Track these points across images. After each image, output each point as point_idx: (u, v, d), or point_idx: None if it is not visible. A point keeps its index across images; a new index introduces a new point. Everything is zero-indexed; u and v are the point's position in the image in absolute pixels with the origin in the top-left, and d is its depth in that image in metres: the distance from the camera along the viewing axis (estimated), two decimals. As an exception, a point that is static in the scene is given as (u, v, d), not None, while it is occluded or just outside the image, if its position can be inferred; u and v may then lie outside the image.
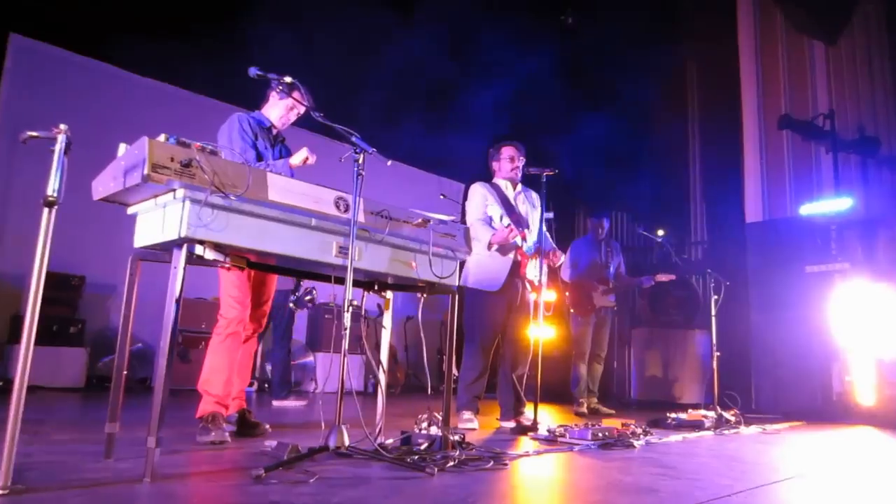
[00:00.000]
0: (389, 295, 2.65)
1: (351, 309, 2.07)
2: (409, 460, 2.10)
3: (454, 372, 3.86)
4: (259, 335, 2.96)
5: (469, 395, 3.65)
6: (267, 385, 5.93)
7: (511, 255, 3.68)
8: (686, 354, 6.48)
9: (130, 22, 5.39)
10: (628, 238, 8.32)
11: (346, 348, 2.08)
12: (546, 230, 3.88)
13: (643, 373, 6.65)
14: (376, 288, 2.54)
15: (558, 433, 3.10)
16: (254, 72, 2.34)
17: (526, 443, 2.98)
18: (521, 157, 3.87)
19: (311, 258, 2.09)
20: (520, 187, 3.94)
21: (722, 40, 7.02)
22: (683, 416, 4.09)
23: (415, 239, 2.36)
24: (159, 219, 1.90)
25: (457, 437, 2.52)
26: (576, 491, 1.91)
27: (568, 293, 5.28)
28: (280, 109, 2.97)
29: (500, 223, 3.61)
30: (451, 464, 2.11)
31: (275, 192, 1.96)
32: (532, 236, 3.80)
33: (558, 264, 3.80)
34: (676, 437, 3.41)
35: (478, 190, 3.82)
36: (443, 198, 5.28)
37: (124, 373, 2.04)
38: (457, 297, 2.56)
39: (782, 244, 6.04)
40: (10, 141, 5.27)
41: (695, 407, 4.86)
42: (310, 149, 2.85)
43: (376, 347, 2.69)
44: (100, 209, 2.68)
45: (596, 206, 5.88)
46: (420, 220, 2.35)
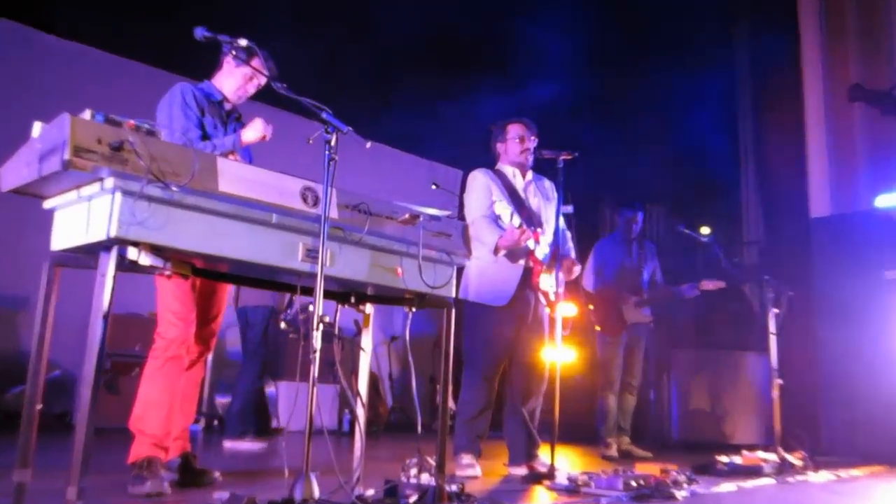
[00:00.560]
0: (370, 309, 2.65)
1: (321, 327, 2.07)
2: (394, 516, 2.10)
3: (451, 405, 3.86)
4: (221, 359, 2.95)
5: (469, 435, 3.65)
6: (217, 422, 5.90)
7: (522, 262, 3.69)
8: (739, 383, 6.48)
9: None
10: (665, 237, 8.34)
11: (316, 376, 2.08)
12: (564, 228, 3.88)
13: (686, 406, 6.65)
14: (353, 300, 2.55)
15: (581, 482, 3.10)
16: (200, 33, 2.32)
17: (541, 494, 2.98)
18: (533, 138, 3.88)
19: (272, 263, 2.10)
20: (530, 175, 3.95)
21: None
22: (737, 459, 4.10)
23: (401, 239, 2.37)
24: (83, 215, 1.90)
25: (454, 488, 2.52)
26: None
27: (592, 306, 5.29)
28: (235, 80, 2.97)
29: (510, 222, 3.60)
30: (447, 520, 2.11)
31: (227, 182, 1.97)
32: (547, 237, 3.81)
33: (573, 277, 3.80)
34: (729, 487, 3.41)
35: (479, 179, 3.82)
36: (435, 188, 5.30)
37: (38, 407, 2.02)
38: (453, 311, 2.56)
39: (856, 244, 6.04)
40: None
41: (751, 448, 4.85)
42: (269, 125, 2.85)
43: (353, 375, 2.69)
44: (7, 203, 2.66)
45: (626, 197, 5.89)
46: (407, 216, 2.36)
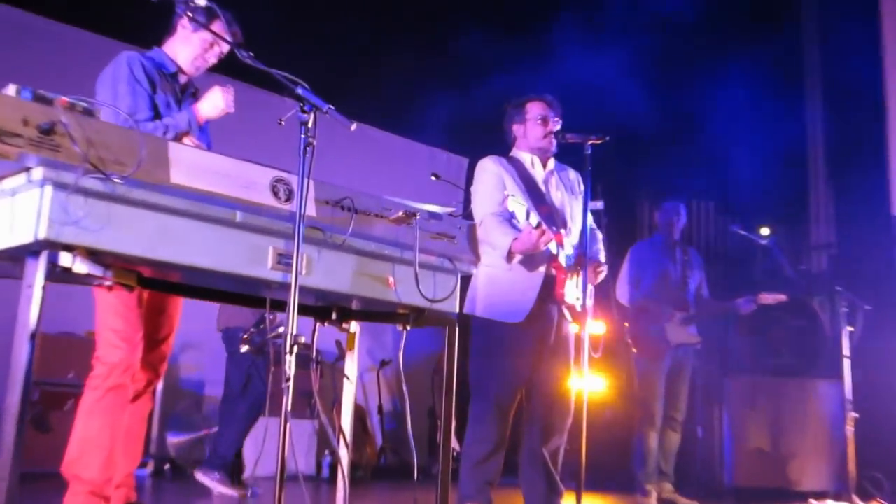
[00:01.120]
0: (355, 327, 2.65)
1: (296, 349, 2.07)
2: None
3: (455, 446, 3.85)
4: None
5: (478, 482, 3.64)
6: (169, 465, 5.89)
7: (542, 269, 3.68)
8: (806, 416, 6.47)
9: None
10: (716, 239, 8.33)
11: (289, 409, 2.07)
12: (593, 227, 3.88)
13: (742, 444, 6.64)
14: (335, 317, 2.54)
15: (613, 537, 3.10)
16: (150, -11, 2.35)
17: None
18: (557, 119, 3.88)
19: (236, 271, 2.10)
20: (552, 164, 3.95)
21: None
22: (803, 510, 4.10)
23: (393, 242, 2.37)
24: (6, 213, 1.91)
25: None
26: None
27: (627, 324, 5.29)
28: (192, 47, 2.99)
29: (527, 221, 3.59)
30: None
31: (181, 172, 1.97)
32: (572, 238, 3.81)
33: (598, 281, 3.79)
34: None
35: (489, 168, 3.82)
36: (435, 178, 5.30)
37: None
38: (458, 330, 2.56)
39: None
40: None
41: (820, 497, 4.85)
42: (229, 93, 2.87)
43: (335, 408, 2.69)
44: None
45: (667, 192, 5.89)
46: (401, 214, 2.36)
